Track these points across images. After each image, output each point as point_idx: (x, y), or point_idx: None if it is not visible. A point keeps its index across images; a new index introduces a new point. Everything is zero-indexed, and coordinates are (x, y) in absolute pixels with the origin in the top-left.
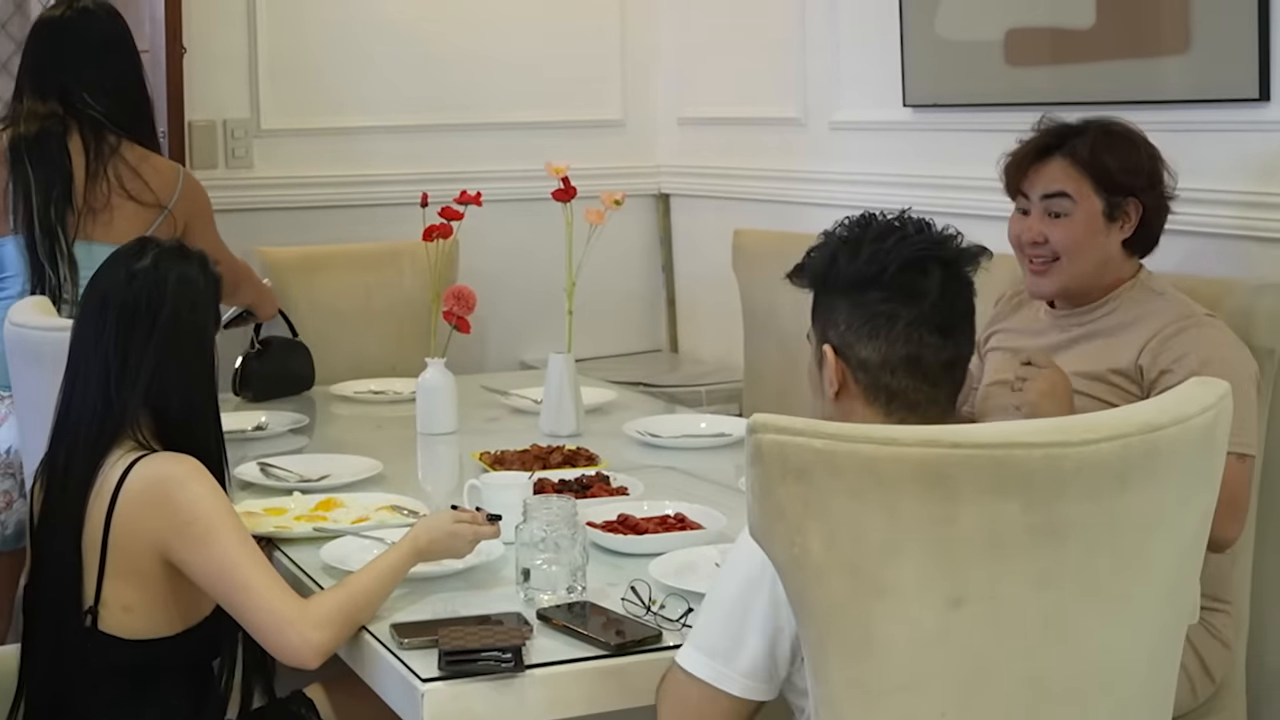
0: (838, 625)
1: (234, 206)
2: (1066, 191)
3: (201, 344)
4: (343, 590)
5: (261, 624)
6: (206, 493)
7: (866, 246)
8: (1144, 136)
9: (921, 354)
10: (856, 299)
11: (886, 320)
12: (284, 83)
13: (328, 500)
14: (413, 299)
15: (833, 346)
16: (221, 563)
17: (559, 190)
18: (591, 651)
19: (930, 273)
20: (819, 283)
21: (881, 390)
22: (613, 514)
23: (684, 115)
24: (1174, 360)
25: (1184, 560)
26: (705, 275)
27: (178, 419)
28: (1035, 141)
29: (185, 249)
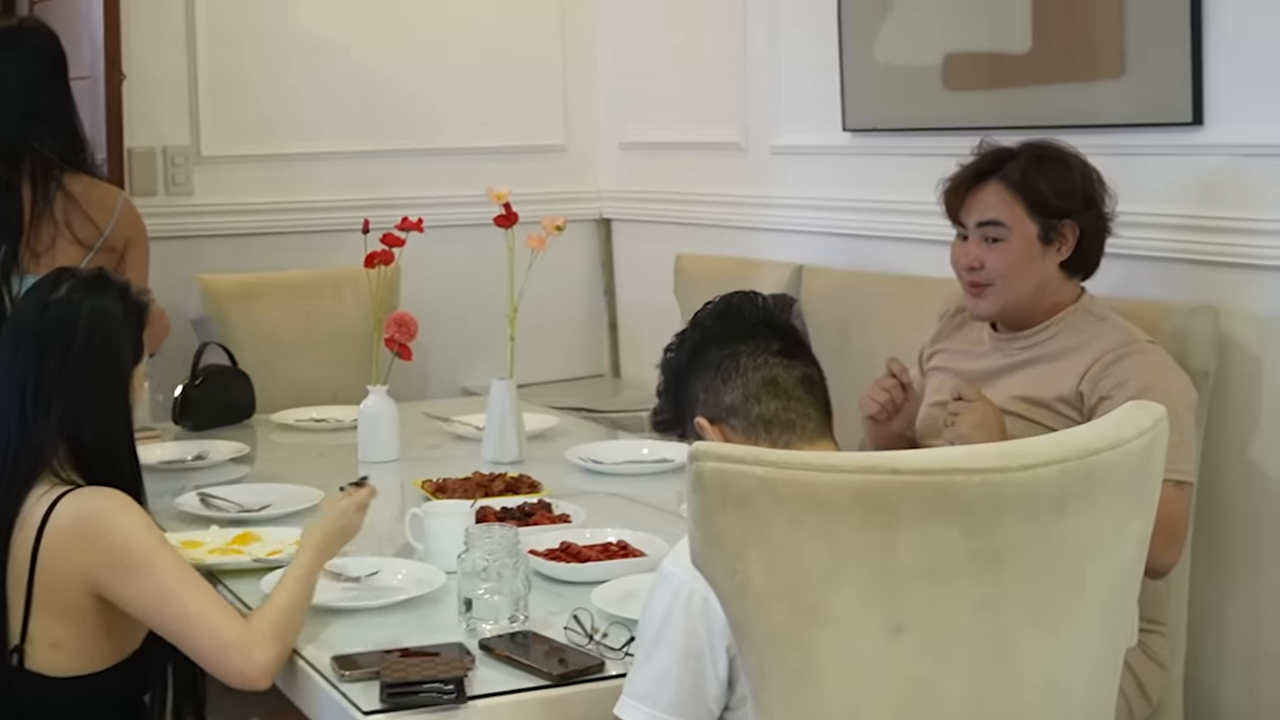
0: (778, 653)
1: (174, 234)
2: (1000, 219)
3: (116, 375)
4: (274, 606)
5: (207, 651)
6: (137, 524)
7: (686, 336)
8: (1080, 158)
9: (775, 375)
10: (697, 368)
11: (730, 360)
12: (224, 109)
13: (244, 535)
14: (354, 326)
15: (705, 419)
16: (160, 593)
17: (500, 216)
18: (534, 682)
19: (744, 311)
20: (673, 390)
21: (757, 422)
22: (555, 542)
23: (625, 140)
24: (1114, 387)
25: (1122, 583)
26: (647, 300)
27: (93, 449)
28: (971, 167)
29: (104, 279)
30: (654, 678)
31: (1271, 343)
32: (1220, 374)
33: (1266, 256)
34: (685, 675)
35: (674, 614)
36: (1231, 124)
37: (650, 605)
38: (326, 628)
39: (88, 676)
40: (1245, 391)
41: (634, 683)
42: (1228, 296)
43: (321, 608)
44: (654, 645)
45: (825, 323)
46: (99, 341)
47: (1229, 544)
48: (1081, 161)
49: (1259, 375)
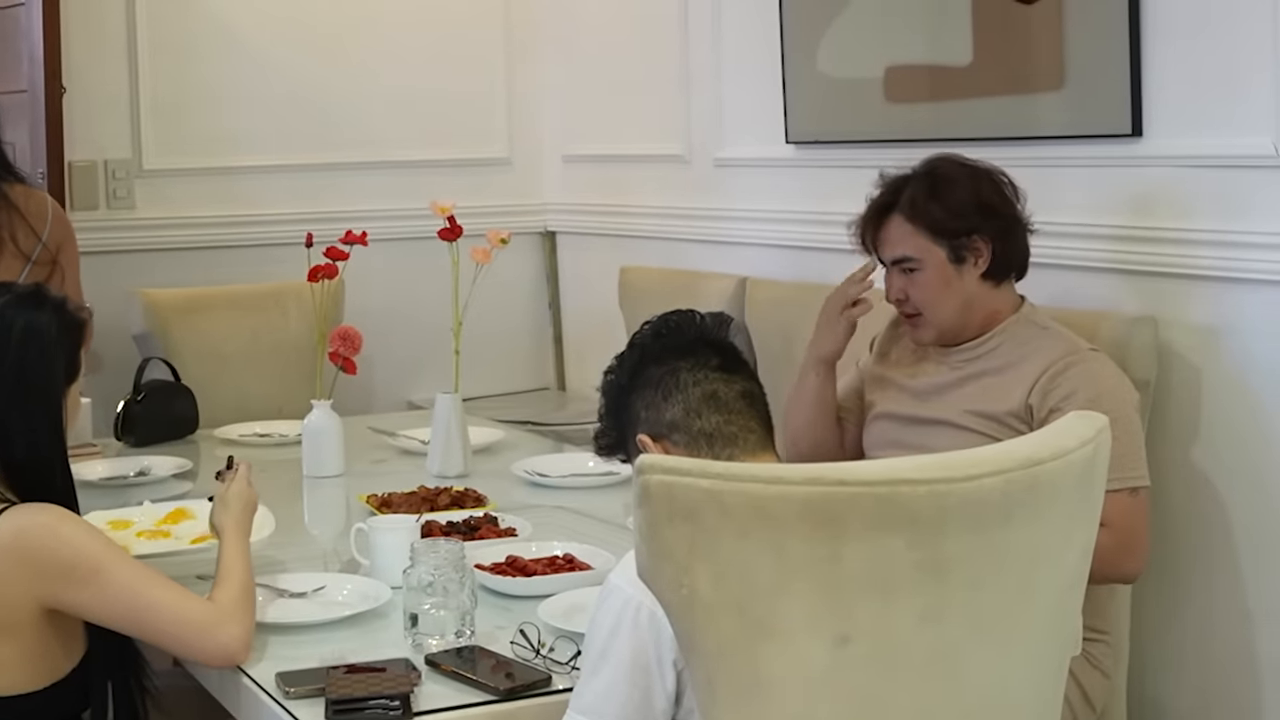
0: (726, 666)
1: (116, 248)
2: (909, 255)
3: (48, 392)
4: (231, 585)
5: (182, 636)
6: (81, 532)
7: (624, 358)
8: (971, 169)
9: (715, 390)
10: (638, 385)
11: (671, 376)
12: (166, 122)
13: (177, 511)
14: (298, 340)
15: (647, 435)
16: (120, 592)
17: (445, 229)
18: (481, 697)
19: (682, 329)
20: (614, 410)
21: (699, 437)
22: (501, 555)
23: (569, 153)
24: (1063, 398)
25: (1067, 593)
26: (592, 312)
27: (24, 466)
28: (873, 203)
29: (40, 295)
30: (601, 692)
31: (1210, 352)
32: (1160, 383)
33: (1205, 267)
34: (632, 689)
35: (621, 627)
36: (1170, 136)
37: (597, 619)
38: (271, 644)
39: (28, 695)
40: (1185, 400)
41: (580, 696)
42: (1167, 306)
43: (266, 624)
44: (601, 659)
45: (769, 334)
46: (31, 358)
47: (1171, 551)
48: (972, 173)
49: (1198, 384)
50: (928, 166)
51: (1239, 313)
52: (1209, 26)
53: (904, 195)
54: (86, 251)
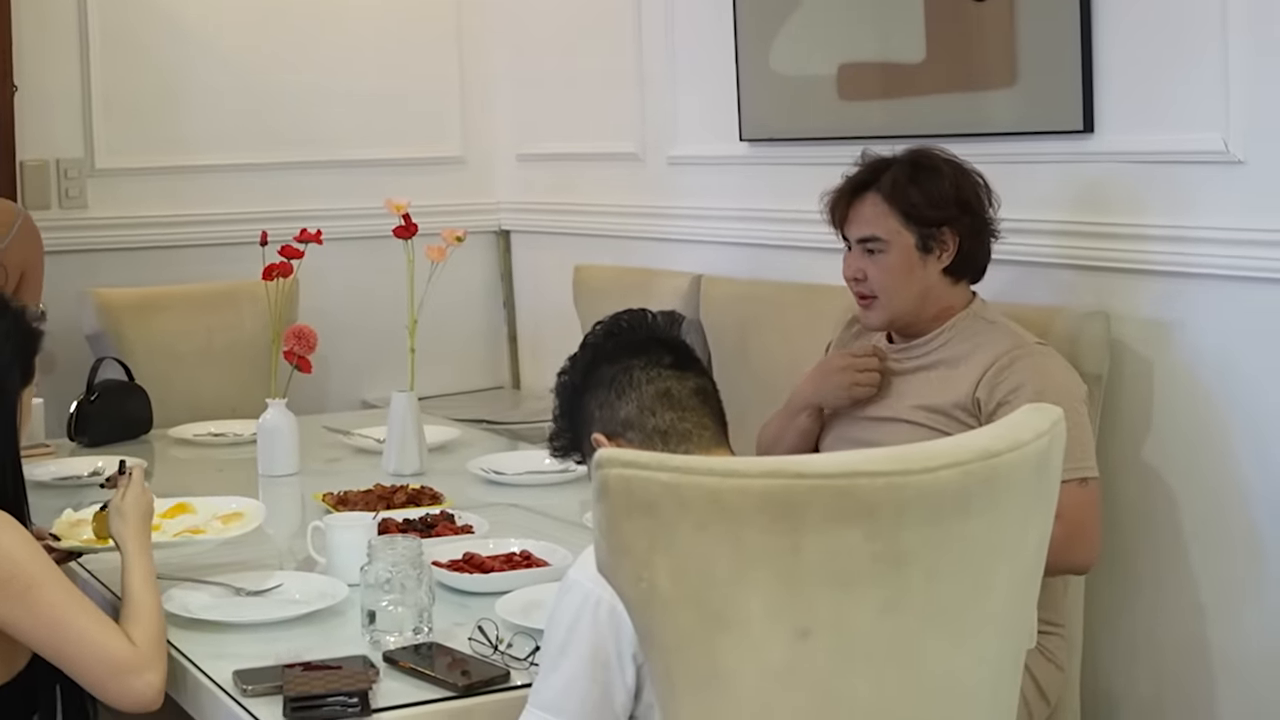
0: (685, 659)
1: (68, 248)
2: (877, 235)
3: (2, 397)
4: (146, 620)
5: (98, 676)
6: (19, 543)
7: (577, 358)
8: (955, 165)
9: (669, 388)
10: (591, 385)
11: (624, 374)
12: (118, 121)
13: (180, 505)
14: (253, 339)
15: (602, 434)
16: (48, 617)
17: (400, 227)
18: (439, 693)
19: (633, 328)
20: (568, 411)
21: (654, 434)
22: (458, 553)
23: (523, 151)
24: (1010, 391)
25: (1023, 585)
26: (546, 311)
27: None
28: (851, 179)
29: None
30: (560, 687)
31: (1161, 346)
32: (1112, 377)
33: (1155, 262)
34: (593, 685)
35: (581, 622)
36: (1121, 132)
37: (556, 614)
38: (228, 642)
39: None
40: (1136, 394)
41: (539, 693)
42: (1118, 301)
43: (223, 622)
44: (560, 654)
45: (724, 331)
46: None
47: (1124, 544)
48: (956, 167)
49: (1149, 377)
50: (912, 153)
51: (1189, 307)
52: (1160, 23)
53: (885, 176)
54: None
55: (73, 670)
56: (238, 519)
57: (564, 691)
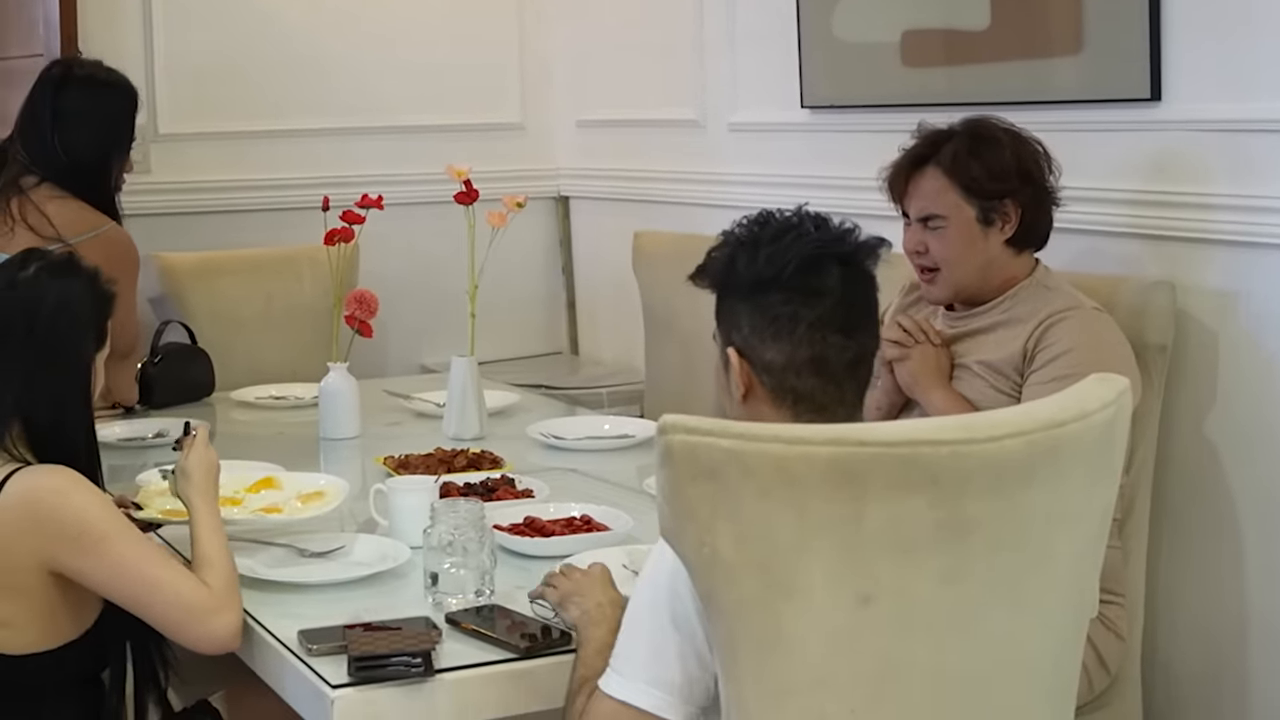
0: (747, 624)
1: (131, 212)
2: (937, 212)
3: (76, 359)
4: (220, 567)
5: (178, 620)
6: (91, 501)
7: (764, 247)
8: (1015, 134)
9: (826, 354)
10: (757, 301)
11: (789, 322)
12: (181, 87)
13: (268, 479)
14: (313, 304)
15: (737, 349)
16: (122, 567)
17: (461, 193)
18: (501, 655)
19: (829, 271)
20: (720, 285)
21: (788, 392)
22: (519, 517)
23: (583, 118)
24: (1046, 346)
25: (1086, 554)
26: (605, 277)
27: (47, 430)
28: (909, 153)
29: (74, 264)
30: (642, 650)
31: (1227, 317)
32: (1177, 347)
33: (1223, 231)
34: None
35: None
36: (1189, 100)
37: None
38: (291, 602)
39: (40, 655)
40: (1201, 365)
41: (622, 657)
42: (1184, 271)
43: (287, 583)
44: (639, 625)
45: None
46: (62, 325)
47: (1186, 516)
48: (1016, 137)
49: (1215, 349)
50: (971, 125)
51: (1256, 277)
52: None
53: (944, 149)
54: None
55: (151, 616)
56: (318, 499)
57: (650, 657)
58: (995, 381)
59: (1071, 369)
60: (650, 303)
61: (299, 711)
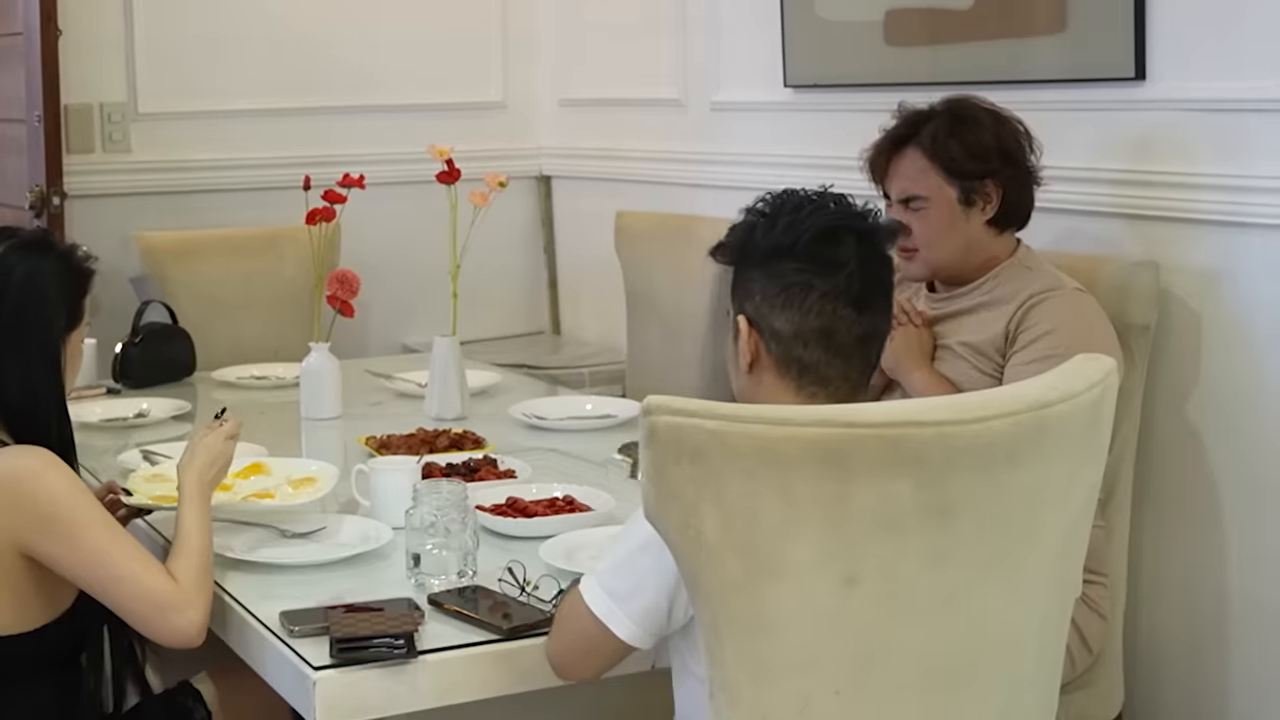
0: (732, 606)
1: (111, 191)
2: (918, 194)
3: (46, 338)
4: (192, 560)
5: (141, 613)
6: (65, 484)
7: (783, 218)
8: (995, 114)
9: (835, 327)
10: (771, 269)
11: (800, 291)
12: (162, 65)
13: (255, 465)
14: (293, 283)
15: (747, 317)
16: (91, 555)
17: (443, 173)
18: (483, 636)
19: (844, 243)
20: (737, 257)
21: (793, 363)
22: (501, 497)
23: (565, 97)
24: (1029, 327)
25: (1072, 535)
26: (587, 257)
27: (19, 410)
28: (890, 133)
29: (45, 242)
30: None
31: (1210, 297)
32: (1161, 327)
33: (1206, 211)
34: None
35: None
36: (1173, 79)
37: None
38: (272, 583)
39: (18, 636)
40: (1184, 345)
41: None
42: (1168, 251)
43: (268, 563)
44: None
45: None
46: (31, 304)
47: (1168, 495)
48: (996, 117)
49: (1198, 329)
50: (950, 105)
51: (1240, 257)
52: None
53: (924, 130)
54: (83, 195)
55: (116, 606)
56: (309, 484)
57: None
58: (977, 362)
59: (1054, 349)
60: (632, 282)
61: (280, 693)
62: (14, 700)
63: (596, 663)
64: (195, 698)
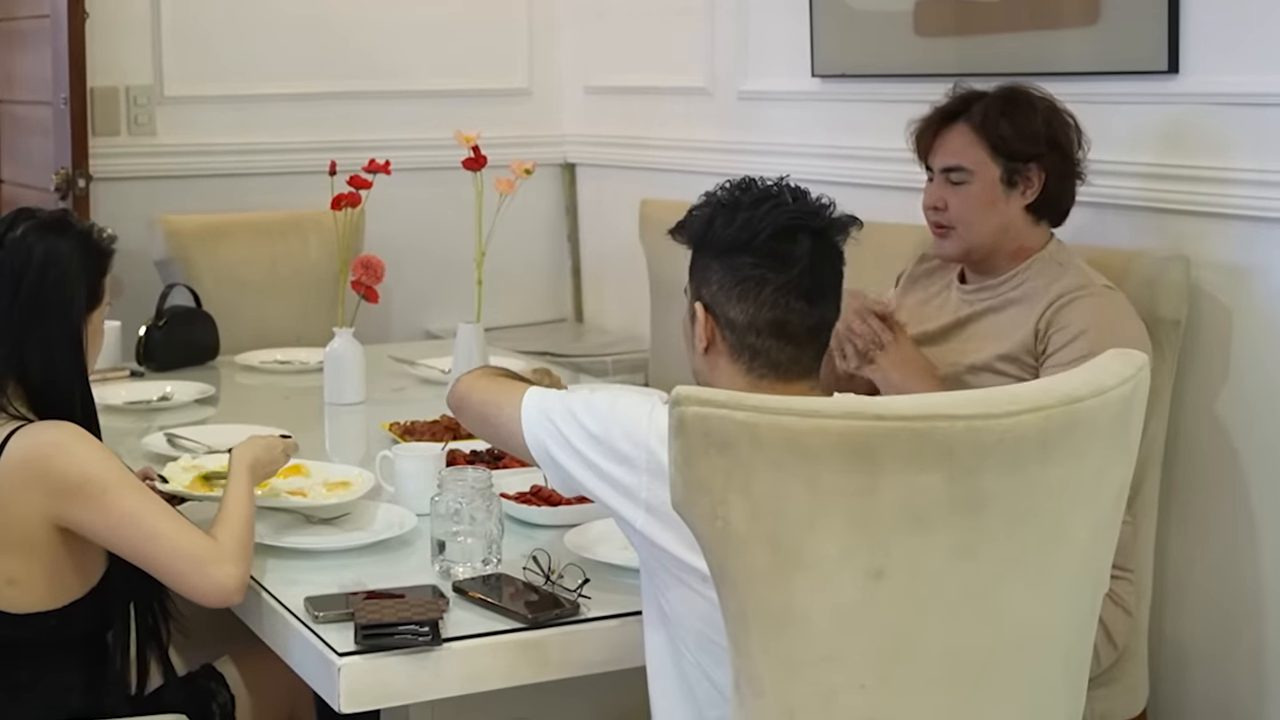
0: (759, 597)
1: (137, 174)
2: (963, 165)
3: (66, 316)
4: (232, 525)
5: (179, 569)
6: (94, 453)
7: (742, 212)
8: (1050, 103)
9: (787, 319)
10: (729, 262)
11: (755, 285)
12: (188, 49)
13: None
14: (317, 268)
15: (704, 304)
16: (124, 516)
17: (469, 159)
18: (508, 624)
19: (800, 241)
20: (697, 242)
21: (746, 349)
22: (525, 485)
23: (590, 84)
24: (1059, 329)
25: (1101, 532)
26: (611, 245)
27: (42, 387)
28: (940, 108)
29: (64, 222)
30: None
31: (1241, 292)
32: (1191, 322)
33: (1238, 206)
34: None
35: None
36: (1206, 73)
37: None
38: (297, 569)
39: (45, 614)
40: (1215, 340)
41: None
42: (1199, 245)
43: (292, 548)
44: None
45: None
46: (50, 283)
47: (1196, 491)
48: (1050, 106)
49: (1229, 324)
50: (1007, 88)
51: (1271, 252)
52: None
53: (976, 106)
54: (108, 178)
55: (154, 567)
56: (344, 488)
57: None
58: (1009, 370)
59: (1090, 349)
60: (657, 271)
61: (305, 678)
62: (43, 679)
63: (485, 432)
64: (218, 681)
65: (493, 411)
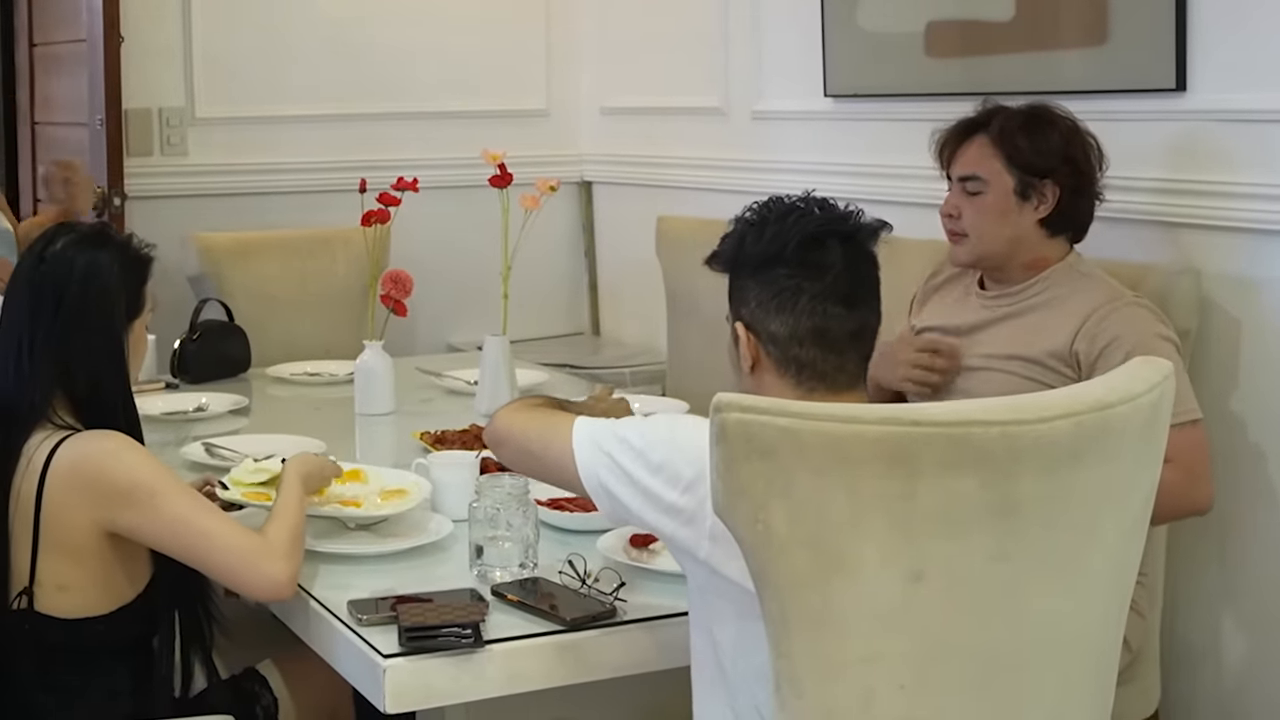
0: (799, 600)
1: (169, 193)
2: (978, 174)
3: (108, 327)
4: (284, 523)
5: (231, 565)
6: (141, 459)
7: (770, 227)
8: (1071, 123)
9: (827, 325)
10: (763, 277)
11: (792, 295)
12: (219, 72)
13: (354, 471)
14: (345, 283)
15: (745, 324)
16: (175, 518)
17: (496, 176)
18: (546, 627)
19: (830, 247)
20: (731, 265)
21: (791, 362)
22: (558, 491)
23: (607, 105)
24: (1108, 343)
25: (1131, 534)
26: (627, 261)
27: (87, 398)
28: (965, 121)
29: (103, 235)
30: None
31: (1250, 304)
32: (1201, 334)
33: (1247, 220)
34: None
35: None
36: (1214, 91)
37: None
38: (339, 573)
39: (94, 619)
40: (1225, 352)
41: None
42: (1209, 259)
43: (333, 553)
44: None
45: None
46: (92, 295)
47: None
48: (1071, 125)
49: (1238, 336)
50: (1031, 106)
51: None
52: None
53: (996, 119)
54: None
55: (206, 565)
56: (399, 496)
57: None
58: (1030, 372)
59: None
60: (673, 285)
61: (350, 681)
62: (92, 683)
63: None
64: (261, 683)
65: (539, 448)
